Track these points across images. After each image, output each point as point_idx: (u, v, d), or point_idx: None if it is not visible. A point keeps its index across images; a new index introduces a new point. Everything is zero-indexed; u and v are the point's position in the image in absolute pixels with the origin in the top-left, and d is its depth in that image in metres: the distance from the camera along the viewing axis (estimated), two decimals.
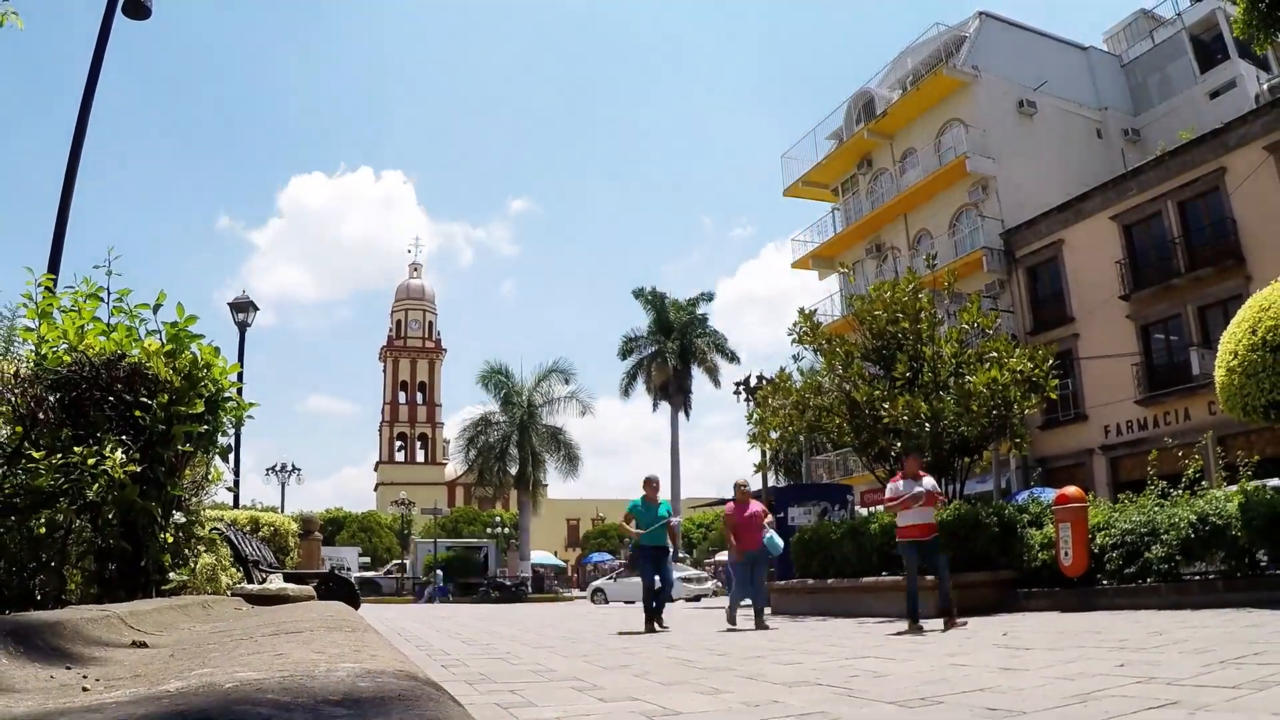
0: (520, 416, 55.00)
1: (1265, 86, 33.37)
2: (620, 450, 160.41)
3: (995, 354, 17.85)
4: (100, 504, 5.77)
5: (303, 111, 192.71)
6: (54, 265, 11.39)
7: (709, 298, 56.20)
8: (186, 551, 6.95)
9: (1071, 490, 14.44)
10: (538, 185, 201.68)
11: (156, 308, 6.73)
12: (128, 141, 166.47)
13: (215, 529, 9.42)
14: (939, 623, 11.88)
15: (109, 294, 6.68)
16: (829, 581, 17.50)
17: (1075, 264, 33.81)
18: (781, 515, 24.38)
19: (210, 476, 7.60)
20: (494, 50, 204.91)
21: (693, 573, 42.75)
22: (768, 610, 15.11)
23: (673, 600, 17.48)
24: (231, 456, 20.41)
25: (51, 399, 6.04)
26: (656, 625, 13.69)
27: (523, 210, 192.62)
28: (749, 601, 14.81)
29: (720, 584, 42.98)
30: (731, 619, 14.43)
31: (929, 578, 12.98)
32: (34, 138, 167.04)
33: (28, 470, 5.63)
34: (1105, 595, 13.16)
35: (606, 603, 38.51)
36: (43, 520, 5.68)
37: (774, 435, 20.74)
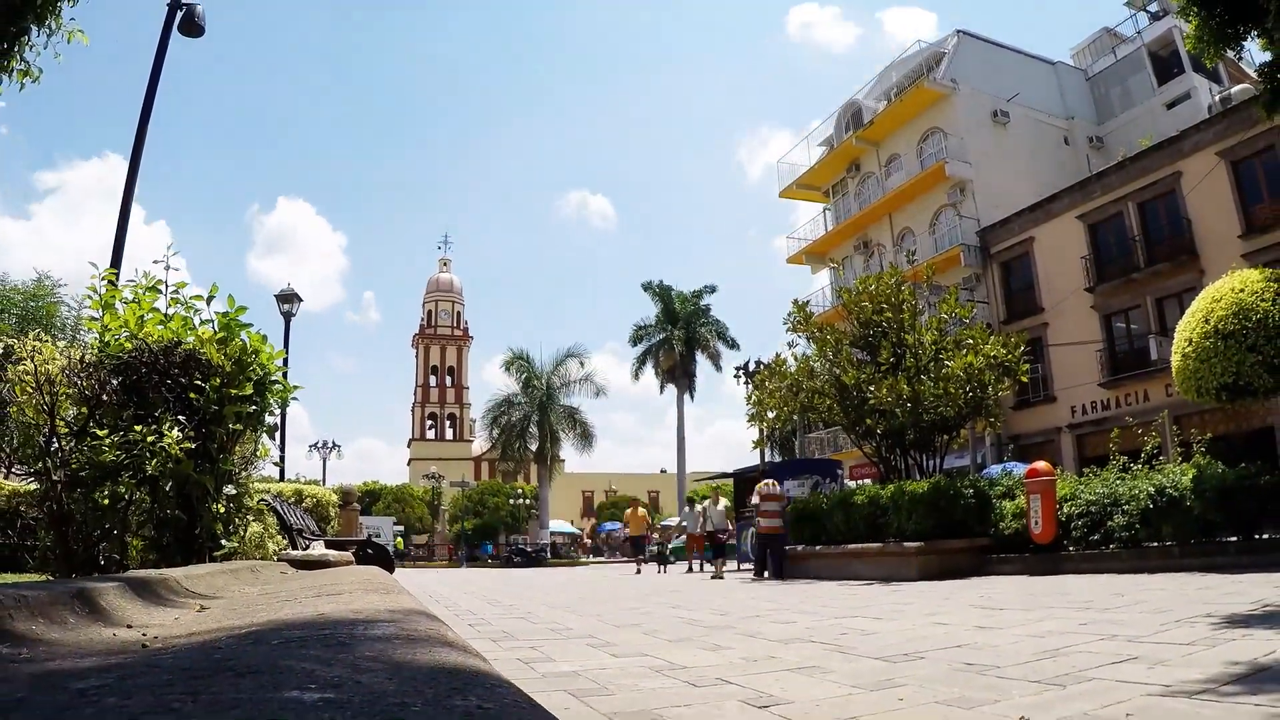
0: (539, 398, 55.20)
1: (1217, 98, 33.23)
2: (630, 428, 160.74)
3: (971, 341, 17.85)
4: (158, 477, 5.78)
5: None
6: (116, 260, 11.40)
7: (711, 290, 56.27)
8: (237, 521, 6.96)
9: (1041, 465, 14.42)
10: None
11: (209, 299, 6.74)
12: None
13: (263, 500, 9.42)
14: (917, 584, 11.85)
15: (166, 287, 6.69)
16: (818, 548, 17.51)
17: (1044, 259, 33.77)
18: None
19: (258, 452, 7.60)
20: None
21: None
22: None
23: None
24: (277, 434, 20.48)
25: (114, 382, 6.05)
26: None
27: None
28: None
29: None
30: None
31: None
32: (97, 140, 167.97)
33: (93, 447, 5.64)
34: (1071, 560, 13.14)
35: None
36: (106, 492, 5.69)
37: (770, 415, 20.70)
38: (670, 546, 33.18)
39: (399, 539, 55.22)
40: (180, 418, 6.06)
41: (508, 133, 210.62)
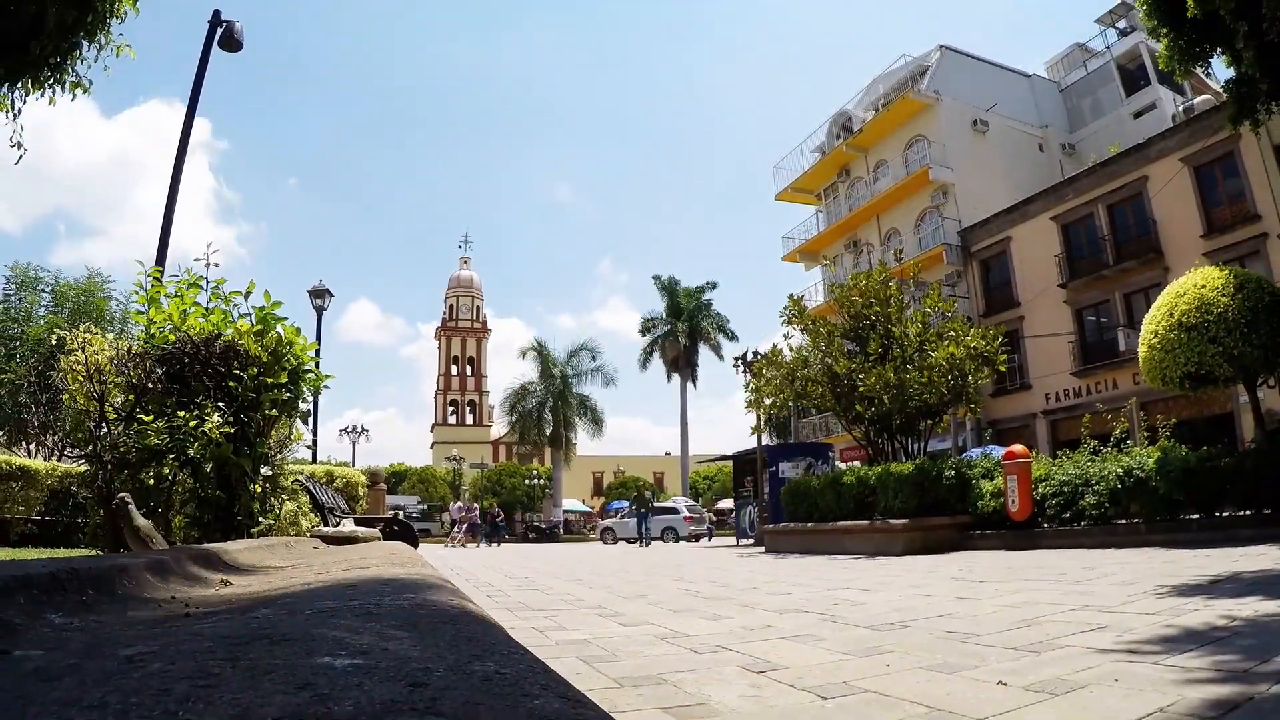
0: (554, 386, 55.35)
1: (1181, 108, 33.20)
2: (637, 413, 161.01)
3: (953, 333, 17.86)
4: (200, 460, 5.80)
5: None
6: (161, 258, 11.41)
7: (713, 286, 56.23)
8: (273, 500, 6.98)
9: (1018, 448, 14.40)
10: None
11: (247, 294, 6.77)
12: None
13: (296, 481, 9.44)
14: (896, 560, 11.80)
15: (207, 283, 6.72)
16: (810, 525, 17.51)
17: (1021, 257, 33.78)
18: (774, 469, 24.50)
19: (292, 436, 7.63)
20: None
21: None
22: None
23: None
24: (310, 420, 20.47)
25: (159, 371, 6.07)
26: None
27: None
28: None
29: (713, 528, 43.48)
30: None
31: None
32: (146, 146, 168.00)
33: (139, 431, 5.66)
34: (1046, 536, 13.13)
35: (615, 541, 38.85)
36: (152, 474, 5.71)
37: (767, 401, 20.70)
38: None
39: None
40: (220, 404, 6.08)
41: (524, 133, 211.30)
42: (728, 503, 47.38)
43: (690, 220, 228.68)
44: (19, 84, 6.83)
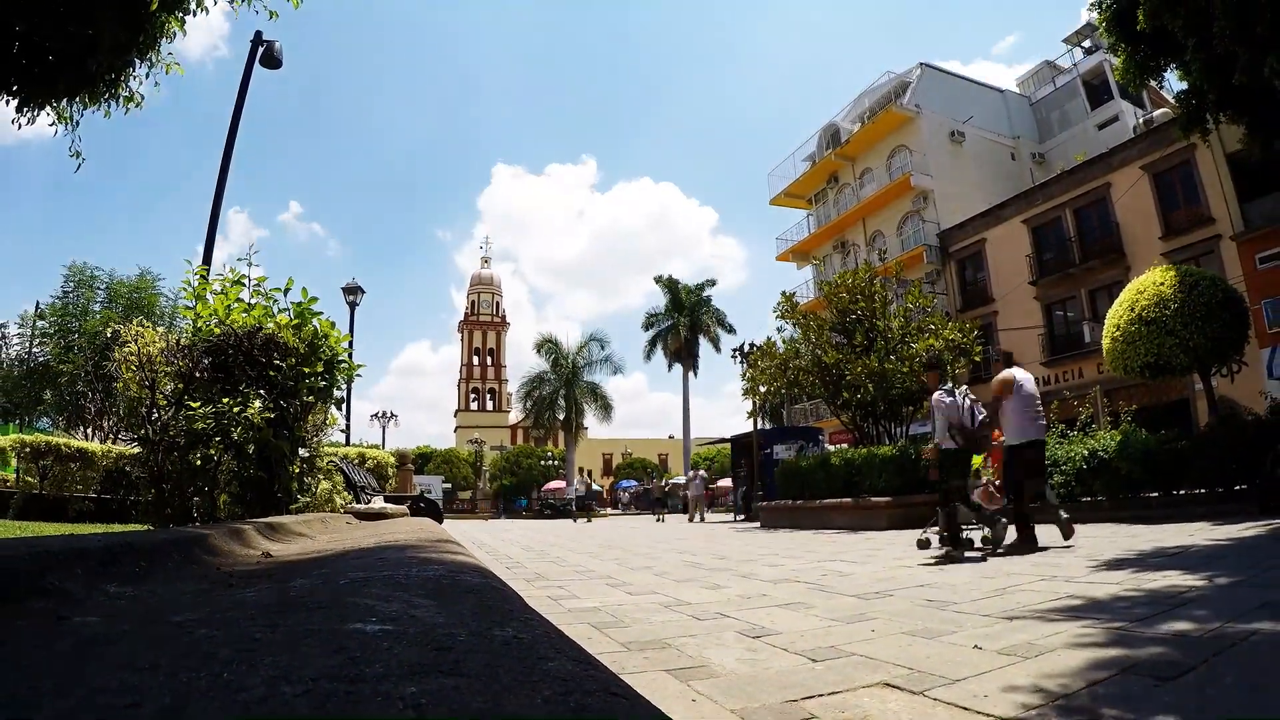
0: (566, 375, 55.42)
1: (1141, 120, 33.08)
2: (643, 401, 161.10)
3: (933, 327, 17.89)
4: (243, 443, 5.81)
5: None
6: (207, 258, 11.41)
7: (712, 283, 56.12)
8: (309, 479, 6.99)
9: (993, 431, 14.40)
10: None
11: (286, 291, 6.77)
12: None
13: (331, 462, 9.45)
14: (884, 534, 11.80)
15: (249, 280, 6.71)
16: (800, 502, 17.51)
17: (995, 257, 33.69)
18: (768, 451, 24.50)
19: (328, 421, 7.64)
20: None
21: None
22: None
23: None
24: (344, 406, 20.48)
25: (205, 362, 6.08)
26: None
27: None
28: None
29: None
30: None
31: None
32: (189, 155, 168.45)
33: (187, 417, 5.67)
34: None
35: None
36: (199, 455, 5.72)
37: (762, 389, 20.74)
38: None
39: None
40: (261, 392, 6.09)
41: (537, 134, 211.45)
42: (726, 481, 47.34)
43: (692, 216, 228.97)
44: (77, 98, 6.83)
